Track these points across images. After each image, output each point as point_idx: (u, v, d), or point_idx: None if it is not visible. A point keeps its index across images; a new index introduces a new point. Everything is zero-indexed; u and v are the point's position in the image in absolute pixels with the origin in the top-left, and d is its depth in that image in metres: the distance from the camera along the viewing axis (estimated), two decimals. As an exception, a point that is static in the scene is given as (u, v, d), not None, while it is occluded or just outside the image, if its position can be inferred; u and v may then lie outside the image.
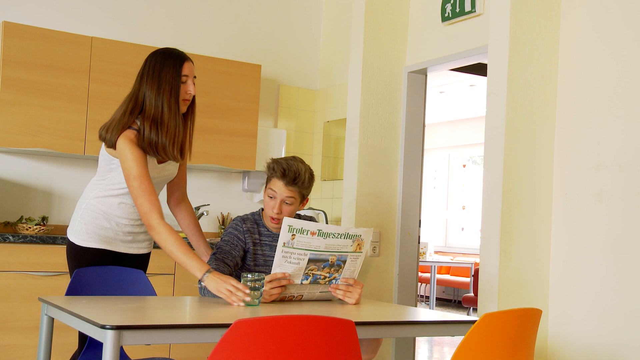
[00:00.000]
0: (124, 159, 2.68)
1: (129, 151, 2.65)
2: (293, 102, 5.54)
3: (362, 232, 2.67)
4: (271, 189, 2.87)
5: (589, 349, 3.39)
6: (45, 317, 2.48)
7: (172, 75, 2.73)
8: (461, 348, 1.99)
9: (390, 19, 4.59)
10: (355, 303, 2.73)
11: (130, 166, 2.65)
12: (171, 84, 2.72)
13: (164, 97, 2.70)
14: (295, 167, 2.85)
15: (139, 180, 2.63)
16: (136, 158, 2.65)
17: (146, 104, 2.70)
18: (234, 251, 2.85)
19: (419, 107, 4.63)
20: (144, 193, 2.62)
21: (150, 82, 2.71)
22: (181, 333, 2.05)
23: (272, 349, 1.72)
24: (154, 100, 2.69)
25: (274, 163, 2.88)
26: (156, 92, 2.69)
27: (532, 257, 3.55)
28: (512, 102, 3.52)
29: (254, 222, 2.95)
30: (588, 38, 3.54)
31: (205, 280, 2.54)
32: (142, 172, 2.64)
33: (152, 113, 2.69)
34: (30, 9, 4.64)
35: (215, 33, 5.25)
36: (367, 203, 4.43)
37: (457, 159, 11.48)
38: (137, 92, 2.74)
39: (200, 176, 5.19)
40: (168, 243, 2.60)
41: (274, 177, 2.86)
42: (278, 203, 2.85)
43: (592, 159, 3.47)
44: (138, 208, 2.65)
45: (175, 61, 2.78)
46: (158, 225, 2.61)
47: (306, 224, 2.58)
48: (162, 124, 2.70)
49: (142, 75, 2.76)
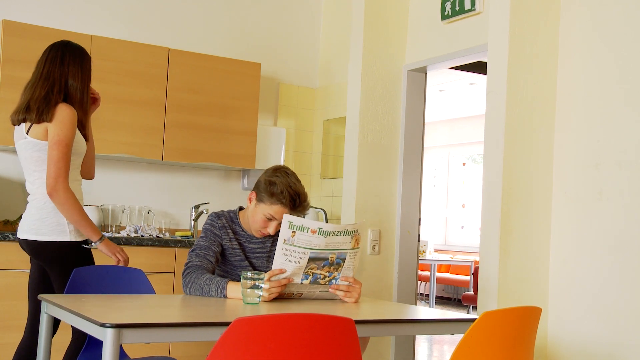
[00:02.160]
0: (62, 125, 2.89)
1: (70, 119, 2.91)
2: (293, 101, 5.54)
3: (358, 226, 2.67)
4: (272, 214, 2.79)
5: (588, 347, 3.39)
6: (45, 315, 2.48)
7: (89, 70, 3.10)
8: (461, 346, 1.99)
9: (390, 18, 4.58)
10: (355, 302, 2.73)
11: (66, 133, 2.89)
12: (88, 77, 3.09)
13: (85, 86, 3.06)
14: (302, 193, 2.81)
15: (68, 148, 2.90)
16: (72, 127, 2.92)
17: (71, 91, 3.01)
18: (213, 246, 2.85)
19: (419, 106, 4.63)
20: (65, 160, 2.87)
21: (74, 73, 3.02)
22: (181, 331, 2.05)
23: (272, 347, 1.72)
24: (79, 86, 3.02)
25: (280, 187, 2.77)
26: (80, 81, 3.03)
27: (532, 255, 3.55)
28: (512, 100, 3.51)
29: (229, 219, 2.94)
30: (588, 36, 3.54)
31: (101, 245, 2.97)
32: (71, 142, 2.91)
33: (79, 99, 3.02)
34: (30, 8, 4.63)
35: (215, 31, 5.25)
36: (366, 201, 4.43)
37: (456, 157, 11.47)
38: (58, 77, 3.00)
39: (200, 174, 5.19)
40: (73, 208, 2.87)
41: (280, 204, 2.77)
42: (275, 225, 2.82)
43: (591, 158, 3.47)
44: (53, 170, 2.85)
45: (90, 58, 3.13)
46: (66, 190, 2.86)
47: (306, 222, 2.57)
48: (84, 108, 3.06)
49: (61, 64, 3.02)
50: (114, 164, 4.88)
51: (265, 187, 2.80)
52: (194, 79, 4.81)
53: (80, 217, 2.89)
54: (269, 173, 2.86)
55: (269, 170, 2.88)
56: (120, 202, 4.88)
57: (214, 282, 2.64)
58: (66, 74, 3.00)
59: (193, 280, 2.69)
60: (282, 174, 2.81)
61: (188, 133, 4.77)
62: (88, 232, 2.93)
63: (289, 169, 2.88)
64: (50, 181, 2.85)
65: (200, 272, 2.71)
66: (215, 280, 2.65)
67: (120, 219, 4.87)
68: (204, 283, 2.66)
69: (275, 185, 2.77)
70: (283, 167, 2.91)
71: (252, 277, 2.48)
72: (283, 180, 2.78)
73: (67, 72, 3.01)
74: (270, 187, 2.78)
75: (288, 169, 2.88)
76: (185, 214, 5.12)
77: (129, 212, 4.87)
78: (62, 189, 2.85)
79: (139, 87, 4.62)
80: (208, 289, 2.64)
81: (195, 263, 2.76)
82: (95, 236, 2.95)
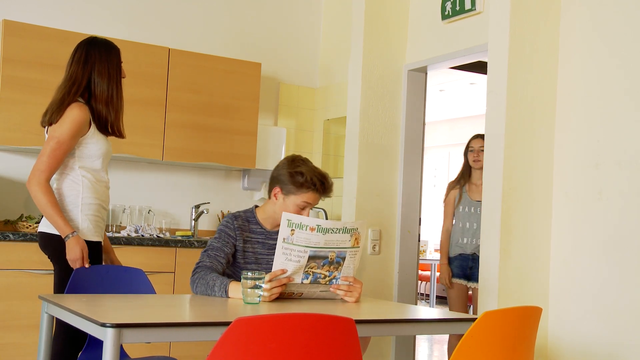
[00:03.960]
0: (62, 123, 2.87)
1: (72, 118, 2.88)
2: (293, 100, 5.54)
3: (358, 224, 2.68)
4: (306, 202, 2.88)
5: (589, 347, 3.39)
6: (45, 315, 2.48)
7: (117, 64, 3.06)
8: (461, 346, 1.99)
9: (390, 17, 4.58)
10: (356, 301, 2.73)
11: (62, 131, 2.87)
12: (117, 71, 3.04)
13: (113, 83, 3.02)
14: (326, 175, 2.91)
15: (59, 145, 2.87)
16: (75, 127, 2.88)
17: (96, 90, 2.98)
18: (226, 248, 2.86)
19: (419, 105, 4.63)
20: (54, 157, 2.86)
21: (99, 70, 2.99)
22: (181, 331, 2.05)
23: (272, 347, 1.72)
24: (105, 86, 2.99)
25: (307, 175, 2.86)
26: (107, 78, 3.00)
27: (532, 255, 3.55)
28: (512, 100, 3.51)
29: (245, 220, 2.95)
30: (588, 36, 3.54)
31: (67, 241, 2.86)
32: (67, 142, 2.88)
33: (105, 97, 2.99)
34: (30, 7, 4.63)
35: (215, 31, 5.25)
36: (367, 201, 4.43)
37: (457, 157, 11.47)
38: (79, 78, 2.97)
39: (200, 174, 5.19)
40: (44, 200, 2.84)
41: (311, 190, 2.86)
42: (309, 210, 2.90)
43: (591, 157, 3.47)
44: (37, 163, 2.86)
45: (118, 51, 3.08)
46: (42, 184, 2.84)
47: (304, 219, 2.59)
48: (113, 105, 3.02)
49: (85, 62, 2.99)
50: (114, 164, 4.88)
51: (290, 179, 2.87)
52: (194, 78, 4.81)
53: (51, 212, 2.84)
54: (287, 165, 2.91)
55: (285, 163, 2.94)
56: (120, 202, 4.89)
57: (218, 281, 2.68)
58: (89, 73, 2.98)
59: (200, 278, 2.73)
60: (302, 163, 2.90)
61: (188, 133, 4.77)
62: (59, 227, 2.87)
63: (303, 157, 2.96)
64: (31, 173, 2.86)
65: (208, 271, 2.75)
66: (219, 280, 2.68)
67: (120, 219, 4.87)
68: (209, 282, 2.69)
69: (302, 175, 2.85)
70: (297, 156, 2.97)
71: (252, 277, 2.48)
72: (306, 168, 2.87)
73: (92, 71, 2.98)
74: (296, 177, 2.86)
75: (303, 157, 2.95)
76: (185, 214, 5.12)
77: (130, 211, 4.87)
78: (36, 183, 2.84)
79: (139, 87, 4.62)
80: (212, 288, 2.67)
81: (206, 263, 2.80)
82: (63, 233, 2.88)
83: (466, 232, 4.43)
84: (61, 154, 2.88)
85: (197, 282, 2.74)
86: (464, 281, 4.44)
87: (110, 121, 3.01)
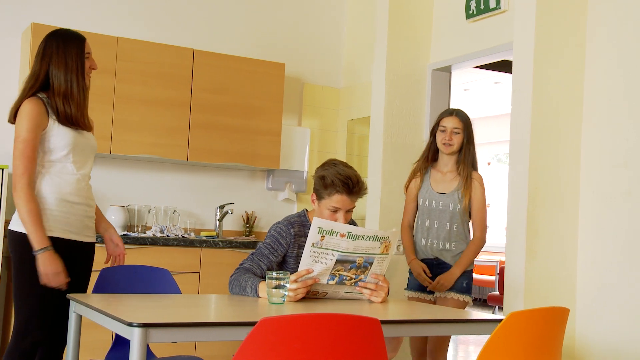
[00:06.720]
0: (19, 121, 2.79)
1: (26, 114, 2.78)
2: (317, 101, 5.54)
3: (389, 233, 2.66)
4: (334, 205, 2.79)
5: (617, 347, 3.35)
6: (73, 314, 2.51)
7: (77, 55, 2.90)
8: (487, 347, 1.98)
9: (414, 17, 4.57)
10: (382, 301, 2.72)
11: (23, 129, 2.78)
12: (77, 63, 2.89)
13: (72, 75, 2.87)
14: (353, 176, 2.79)
15: (25, 144, 2.76)
16: (31, 122, 2.78)
17: (54, 82, 2.86)
18: (272, 256, 2.84)
19: (443, 105, 4.61)
20: (25, 157, 2.77)
21: (56, 62, 2.86)
22: (207, 331, 2.06)
23: (297, 347, 1.72)
24: (62, 77, 2.86)
25: (329, 177, 2.78)
26: (64, 70, 2.86)
27: (559, 255, 3.51)
28: (538, 99, 3.48)
29: (301, 225, 2.91)
30: (615, 33, 3.50)
31: (38, 256, 2.68)
32: (31, 138, 2.78)
33: (63, 89, 2.86)
34: (57, 10, 4.69)
35: (239, 32, 5.27)
36: (391, 201, 4.41)
37: (481, 156, 11.38)
38: (37, 72, 2.86)
39: (224, 175, 5.21)
40: (25, 209, 2.73)
41: (336, 192, 2.78)
42: (343, 214, 2.81)
43: (619, 156, 3.43)
44: (14, 169, 2.78)
45: (79, 41, 2.93)
46: (23, 190, 2.74)
47: (336, 225, 2.57)
48: (72, 97, 2.87)
49: (43, 56, 2.88)
50: (139, 165, 4.92)
51: (318, 183, 2.84)
52: (218, 79, 4.83)
53: (29, 220, 2.71)
54: (317, 170, 2.90)
55: (318, 168, 2.91)
56: (146, 203, 4.92)
57: (250, 281, 2.69)
58: (47, 66, 2.85)
59: (235, 279, 2.75)
60: (329, 166, 2.85)
61: (213, 133, 4.80)
62: (32, 238, 2.72)
63: (336, 160, 2.91)
64: (13, 180, 2.78)
65: (244, 272, 2.76)
66: (251, 280, 2.69)
67: (146, 219, 4.91)
68: (242, 282, 2.71)
69: (326, 178, 2.81)
70: (330, 159, 2.93)
71: (276, 277, 2.48)
72: (331, 170, 2.81)
73: (50, 63, 2.85)
74: (322, 181, 2.82)
75: (335, 160, 2.91)
76: (210, 214, 5.15)
77: (155, 212, 4.91)
78: (20, 189, 2.73)
79: (164, 88, 4.65)
80: (244, 289, 2.70)
81: (245, 266, 2.80)
82: (36, 245, 2.70)
83: (425, 232, 3.57)
84: (31, 152, 2.77)
85: (232, 282, 2.76)
86: (420, 293, 3.61)
87: (71, 114, 2.85)
